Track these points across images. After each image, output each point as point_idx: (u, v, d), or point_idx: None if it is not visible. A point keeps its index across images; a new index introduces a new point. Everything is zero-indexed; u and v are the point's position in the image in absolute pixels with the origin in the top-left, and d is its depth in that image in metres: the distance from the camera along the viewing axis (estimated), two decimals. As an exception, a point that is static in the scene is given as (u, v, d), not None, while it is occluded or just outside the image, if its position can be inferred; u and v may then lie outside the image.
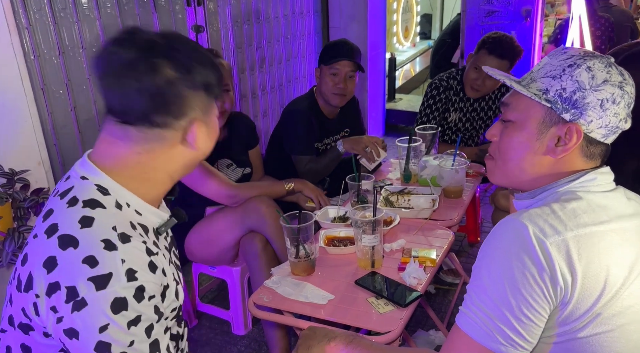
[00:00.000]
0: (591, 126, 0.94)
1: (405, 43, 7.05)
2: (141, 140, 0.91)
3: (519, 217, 0.90)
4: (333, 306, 1.37)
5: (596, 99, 0.93)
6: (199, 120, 0.93)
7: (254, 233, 1.88)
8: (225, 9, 3.08)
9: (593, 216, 0.91)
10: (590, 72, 0.93)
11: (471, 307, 0.91)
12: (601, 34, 4.36)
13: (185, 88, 0.89)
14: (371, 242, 1.48)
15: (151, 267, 0.89)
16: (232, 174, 2.06)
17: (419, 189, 1.97)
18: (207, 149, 0.99)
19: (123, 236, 0.87)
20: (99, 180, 0.91)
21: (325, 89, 2.29)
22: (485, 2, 3.89)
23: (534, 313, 0.86)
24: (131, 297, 0.84)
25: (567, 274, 0.85)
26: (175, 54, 0.88)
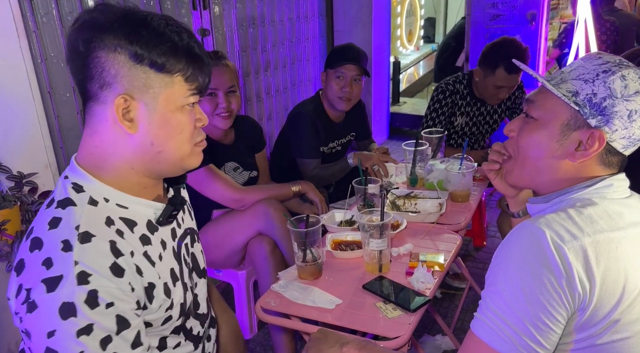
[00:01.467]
0: (614, 135, 0.93)
1: (409, 46, 7.05)
2: (87, 118, 0.88)
3: (536, 222, 0.89)
4: (341, 311, 1.36)
5: (625, 108, 0.92)
6: (130, 95, 0.84)
7: (262, 236, 1.88)
8: (230, 13, 3.09)
9: (610, 222, 0.90)
10: (624, 81, 0.92)
11: (487, 313, 0.90)
12: (606, 39, 4.36)
13: (103, 52, 0.82)
14: (379, 246, 1.48)
15: (115, 270, 0.82)
16: (238, 177, 2.06)
17: (425, 193, 1.96)
18: (160, 140, 0.88)
19: (84, 236, 0.82)
20: (76, 177, 0.89)
21: (331, 93, 2.29)
22: (490, 6, 3.88)
23: (551, 319, 0.85)
24: (81, 302, 0.78)
25: (585, 280, 0.85)
26: (106, 21, 0.83)
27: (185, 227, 1.06)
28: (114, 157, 0.89)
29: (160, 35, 0.84)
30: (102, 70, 0.83)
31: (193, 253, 1.07)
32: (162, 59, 0.84)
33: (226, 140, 2.05)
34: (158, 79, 0.85)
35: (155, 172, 0.94)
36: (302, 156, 2.29)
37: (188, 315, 1.02)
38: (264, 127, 3.49)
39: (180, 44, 0.85)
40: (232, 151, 2.05)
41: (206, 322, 1.10)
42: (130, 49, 0.82)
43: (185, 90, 0.88)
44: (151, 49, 0.83)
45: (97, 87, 0.84)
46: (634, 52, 1.89)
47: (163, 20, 0.85)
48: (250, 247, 1.91)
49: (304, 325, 1.39)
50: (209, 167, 1.89)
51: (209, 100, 1.89)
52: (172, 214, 0.97)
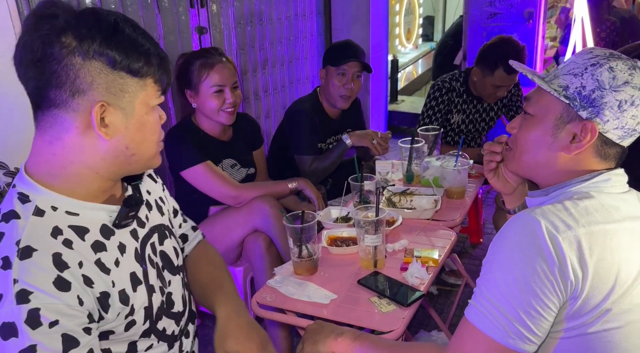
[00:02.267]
0: (607, 126, 0.95)
1: (408, 45, 7.06)
2: (47, 127, 0.83)
3: (532, 212, 0.91)
4: (336, 305, 1.37)
5: (614, 99, 0.93)
6: (105, 102, 0.82)
7: (258, 233, 1.89)
8: (228, 11, 3.10)
9: (605, 215, 0.92)
10: (612, 72, 0.94)
11: (481, 300, 0.92)
12: (605, 36, 4.36)
13: (78, 58, 0.79)
14: (374, 242, 1.49)
15: (59, 284, 0.78)
16: (236, 174, 2.07)
17: (421, 190, 1.97)
18: (135, 143, 0.87)
19: (24, 251, 0.78)
20: (22, 187, 0.85)
21: (333, 89, 2.30)
22: (488, 4, 3.90)
23: (543, 307, 0.87)
24: (22, 322, 0.74)
25: (577, 269, 0.86)
26: (78, 24, 0.80)
27: (152, 225, 1.02)
28: (76, 164, 0.86)
29: (133, 40, 0.84)
30: (76, 77, 0.80)
31: (163, 251, 1.03)
32: (139, 64, 0.84)
33: (224, 137, 2.06)
34: (133, 83, 0.85)
35: (122, 174, 0.93)
36: (300, 153, 2.30)
37: (160, 316, 0.99)
38: (261, 125, 3.50)
39: (150, 49, 0.86)
40: (230, 148, 2.06)
41: (183, 319, 1.07)
42: (109, 55, 0.81)
43: (155, 91, 0.89)
44: (128, 54, 0.82)
45: (67, 94, 0.81)
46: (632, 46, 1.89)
47: (128, 23, 0.84)
48: (246, 243, 1.92)
49: (299, 320, 1.40)
50: (207, 164, 1.90)
51: (216, 97, 1.91)
52: (130, 215, 0.93)
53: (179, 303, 1.06)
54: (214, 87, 1.90)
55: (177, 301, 1.06)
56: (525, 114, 1.05)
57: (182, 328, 1.08)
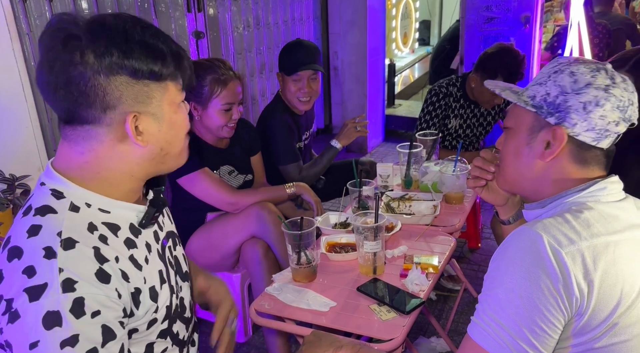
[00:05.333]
0: (576, 129, 0.95)
1: (404, 49, 7.07)
2: (79, 139, 0.85)
3: (533, 227, 0.90)
4: (335, 313, 1.36)
5: (578, 102, 0.95)
6: (137, 111, 0.84)
7: (256, 239, 1.87)
8: (225, 15, 3.09)
9: (606, 226, 0.91)
10: (573, 76, 0.96)
11: (484, 318, 0.90)
12: (599, 42, 4.38)
13: (102, 77, 0.81)
14: (373, 248, 1.48)
15: (100, 276, 0.81)
16: (233, 181, 2.05)
17: (420, 195, 1.96)
18: (168, 143, 0.90)
19: (67, 242, 0.80)
20: (55, 184, 0.86)
21: (290, 96, 2.30)
22: (485, 8, 3.90)
23: (548, 324, 0.86)
24: (67, 311, 0.76)
25: (582, 284, 0.85)
26: (93, 41, 0.80)
27: (167, 230, 1.05)
28: (111, 171, 0.88)
29: (147, 45, 0.84)
30: (105, 94, 0.82)
31: (176, 256, 1.06)
32: (157, 68, 0.85)
33: (221, 144, 2.04)
34: (156, 87, 0.86)
35: (154, 174, 0.95)
36: (285, 162, 2.27)
37: (175, 319, 1.00)
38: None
39: (164, 48, 0.86)
40: (227, 154, 2.05)
41: (190, 326, 1.09)
42: (128, 67, 0.82)
43: (176, 90, 0.90)
44: (145, 60, 0.83)
45: (98, 111, 0.82)
46: (628, 53, 1.90)
47: (137, 26, 0.84)
48: (244, 250, 1.90)
49: (298, 328, 1.39)
50: (204, 171, 1.89)
51: (224, 114, 1.89)
52: (155, 216, 0.96)
53: (188, 309, 1.09)
54: (225, 105, 1.88)
55: (187, 307, 1.08)
56: (505, 129, 1.08)
57: (189, 335, 1.09)
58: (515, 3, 3.79)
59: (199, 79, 1.85)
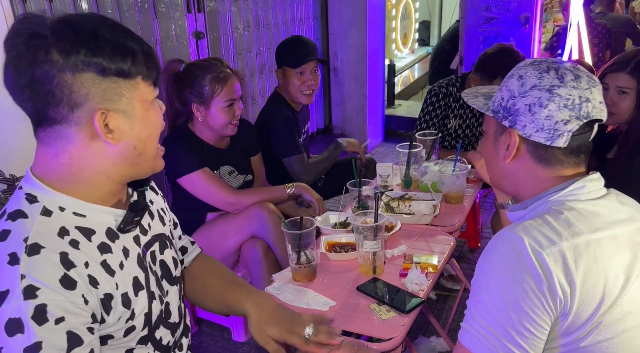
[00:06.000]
0: (527, 130, 0.99)
1: (404, 49, 7.08)
2: (51, 141, 0.84)
3: (514, 230, 0.91)
4: (335, 312, 1.36)
5: (524, 104, 0.98)
6: (105, 108, 0.83)
7: (255, 239, 1.88)
8: (225, 16, 3.10)
9: (587, 224, 0.92)
10: (521, 79, 0.99)
11: (472, 323, 0.92)
12: (598, 42, 4.38)
13: (68, 74, 0.79)
14: (373, 248, 1.48)
15: (65, 283, 0.79)
16: (233, 181, 2.06)
17: (419, 195, 1.97)
18: (141, 141, 0.88)
19: (32, 248, 0.78)
20: (30, 189, 0.85)
21: (294, 89, 2.33)
22: (484, 9, 3.91)
23: (535, 326, 0.87)
24: (29, 318, 0.74)
25: (565, 285, 0.86)
26: (59, 39, 0.79)
27: (153, 234, 1.02)
28: (85, 171, 0.87)
29: (115, 42, 0.83)
30: (71, 92, 0.80)
31: (163, 260, 1.03)
32: (126, 66, 0.84)
33: (221, 144, 2.05)
34: (125, 84, 0.85)
35: (132, 176, 0.93)
36: (288, 154, 2.28)
37: (157, 325, 0.98)
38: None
39: (134, 46, 0.85)
40: (227, 155, 2.05)
41: (178, 331, 1.07)
42: (96, 64, 0.81)
43: (147, 86, 0.89)
44: (114, 58, 0.82)
45: (66, 110, 0.81)
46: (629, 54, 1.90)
47: (105, 24, 0.84)
48: (244, 249, 1.91)
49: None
50: (204, 171, 1.89)
51: (227, 111, 1.90)
52: (134, 220, 0.94)
53: (175, 314, 1.06)
54: (227, 102, 1.89)
55: (174, 312, 1.06)
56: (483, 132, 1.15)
57: (176, 340, 1.07)
58: (514, 3, 3.80)
59: (198, 80, 1.85)
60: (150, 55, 0.88)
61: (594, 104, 0.95)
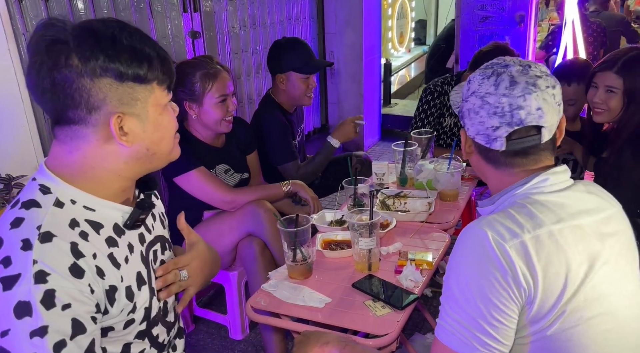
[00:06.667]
0: (470, 132, 1.05)
1: (400, 49, 7.09)
2: (68, 139, 0.88)
3: (478, 224, 0.95)
4: (330, 309, 1.37)
5: (465, 108, 1.05)
6: (121, 112, 0.87)
7: (252, 237, 1.89)
8: (221, 15, 3.10)
9: (550, 215, 0.94)
10: (468, 84, 1.05)
11: (446, 318, 0.95)
12: (593, 40, 4.40)
13: (87, 79, 0.83)
14: (368, 245, 1.49)
15: (74, 271, 0.82)
16: (230, 179, 2.06)
17: (415, 193, 1.98)
18: (153, 143, 0.92)
19: (45, 236, 0.82)
20: (44, 180, 0.89)
21: (299, 93, 2.34)
22: (479, 7, 3.92)
23: (504, 316, 0.90)
24: (37, 302, 0.77)
25: (527, 275, 0.89)
26: (79, 45, 0.83)
27: (156, 235, 1.06)
28: (97, 170, 0.90)
29: (133, 48, 0.86)
30: (89, 96, 0.84)
31: (163, 261, 1.07)
32: (143, 71, 0.87)
33: (217, 143, 2.05)
34: (141, 89, 0.89)
35: (144, 172, 0.98)
36: (283, 161, 2.30)
37: (156, 322, 1.01)
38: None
39: (150, 52, 0.89)
40: (223, 153, 2.06)
41: (172, 331, 1.10)
42: (113, 69, 0.84)
43: (162, 91, 0.92)
44: (131, 64, 0.86)
45: (84, 112, 0.85)
46: (618, 53, 1.92)
47: (124, 31, 0.87)
48: (240, 248, 1.92)
49: (294, 324, 1.40)
50: (200, 169, 1.90)
51: (220, 107, 1.91)
52: (140, 218, 0.97)
53: (172, 314, 1.10)
54: (220, 97, 1.90)
55: (171, 311, 1.09)
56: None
57: (170, 339, 1.10)
58: (509, 2, 3.81)
59: (189, 77, 1.87)
60: (166, 60, 0.92)
61: (528, 110, 0.97)
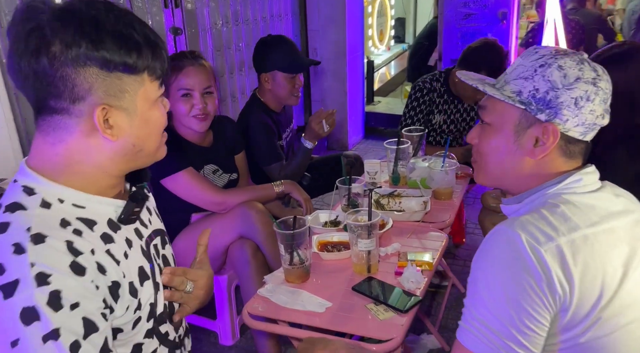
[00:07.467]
0: (567, 125, 0.94)
1: (381, 46, 7.08)
2: (50, 130, 0.82)
3: (511, 225, 0.89)
4: (331, 314, 1.33)
5: (570, 97, 0.93)
6: (107, 104, 0.80)
7: (244, 239, 1.83)
8: (203, 11, 3.02)
9: (583, 218, 0.90)
10: (562, 70, 0.93)
11: (472, 322, 0.90)
12: (572, 38, 4.46)
13: (70, 68, 0.77)
14: (367, 246, 1.45)
15: (75, 268, 0.77)
16: (218, 180, 2.00)
17: (408, 191, 1.95)
18: (140, 139, 0.86)
19: (37, 237, 0.76)
20: (26, 181, 0.83)
21: (285, 93, 2.28)
22: (462, 5, 3.92)
23: (535, 323, 0.86)
24: (43, 305, 0.73)
25: (564, 281, 0.85)
26: (60, 31, 0.76)
27: (154, 228, 1.01)
28: (82, 164, 0.84)
29: (119, 34, 0.79)
30: (74, 86, 0.78)
31: (164, 255, 1.02)
32: (132, 60, 0.81)
33: (204, 142, 1.99)
34: (130, 81, 0.82)
35: (129, 169, 0.92)
36: (268, 163, 2.24)
37: (163, 319, 0.97)
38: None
39: (139, 38, 0.81)
40: (211, 153, 1.99)
41: (180, 329, 1.06)
42: (98, 58, 0.78)
43: (152, 83, 0.86)
44: (118, 52, 0.79)
45: (67, 102, 0.79)
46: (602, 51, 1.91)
47: (110, 14, 0.80)
48: (232, 250, 1.85)
49: (293, 331, 1.35)
50: (188, 170, 1.83)
51: (184, 101, 1.83)
52: (135, 211, 0.92)
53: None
54: (181, 90, 1.81)
55: (177, 307, 1.04)
56: (483, 123, 1.04)
57: (180, 337, 1.06)
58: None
59: None
60: (157, 47, 0.85)
61: (610, 100, 0.96)
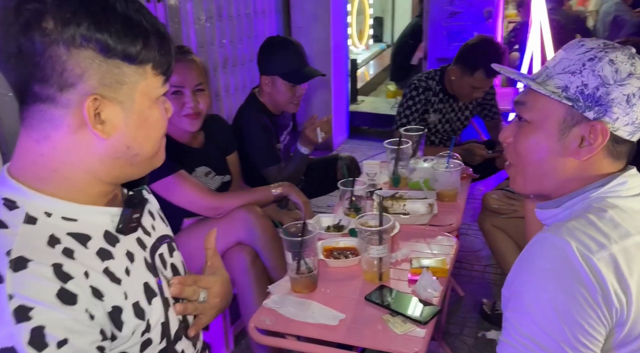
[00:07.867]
0: (617, 124, 0.86)
1: (360, 45, 7.03)
2: (34, 122, 0.71)
3: (557, 232, 0.81)
4: (346, 327, 1.24)
5: (622, 94, 0.85)
6: (100, 95, 0.69)
7: (241, 245, 1.72)
8: (186, 6, 2.89)
9: (632, 223, 0.84)
10: (614, 65, 0.85)
11: (516, 338, 0.81)
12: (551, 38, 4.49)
13: (62, 48, 0.66)
14: (380, 253, 1.37)
15: (64, 297, 0.66)
16: (211, 183, 1.88)
17: (411, 193, 1.87)
18: (135, 141, 0.75)
19: (17, 262, 0.66)
20: (7, 193, 0.72)
21: (284, 100, 2.17)
22: (448, 3, 3.89)
23: (590, 339, 0.78)
24: (24, 345, 0.62)
25: (620, 292, 0.78)
26: (58, 5, 0.66)
27: (159, 235, 0.90)
28: (68, 167, 0.73)
29: (128, 18, 0.69)
30: (63, 70, 0.67)
31: (173, 264, 0.92)
32: (136, 49, 0.70)
33: (195, 143, 1.87)
34: (131, 72, 0.71)
35: (124, 177, 0.80)
36: (266, 166, 2.14)
37: (179, 336, 0.86)
38: (224, 127, 3.31)
39: (148, 27, 0.72)
40: (203, 155, 1.87)
41: (198, 344, 0.95)
42: (100, 40, 0.67)
43: (156, 78, 0.76)
44: (123, 38, 0.69)
45: (54, 89, 0.68)
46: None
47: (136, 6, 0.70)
48: (229, 257, 1.74)
49: (306, 346, 1.25)
50: (180, 174, 1.71)
51: (174, 99, 1.71)
52: (134, 218, 0.81)
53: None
54: (171, 87, 1.70)
55: (192, 321, 0.93)
56: (520, 121, 0.95)
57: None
58: (477, -3, 3.81)
59: None
60: (166, 39, 0.74)
61: None
